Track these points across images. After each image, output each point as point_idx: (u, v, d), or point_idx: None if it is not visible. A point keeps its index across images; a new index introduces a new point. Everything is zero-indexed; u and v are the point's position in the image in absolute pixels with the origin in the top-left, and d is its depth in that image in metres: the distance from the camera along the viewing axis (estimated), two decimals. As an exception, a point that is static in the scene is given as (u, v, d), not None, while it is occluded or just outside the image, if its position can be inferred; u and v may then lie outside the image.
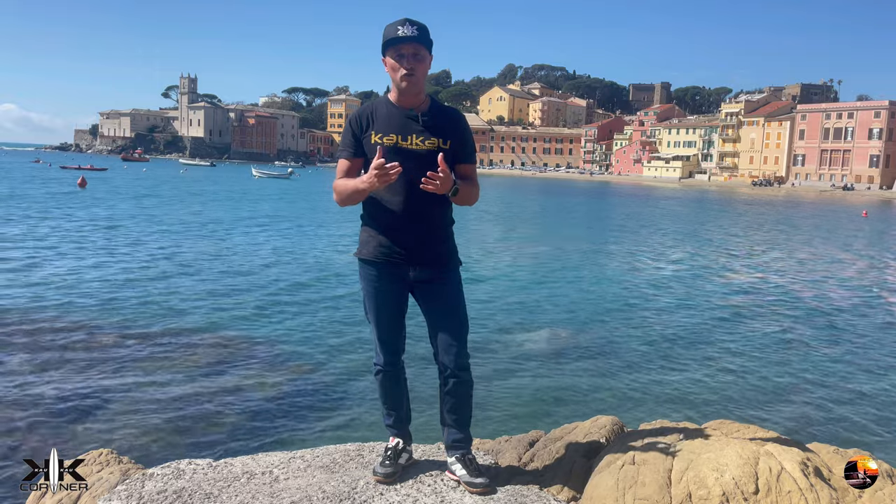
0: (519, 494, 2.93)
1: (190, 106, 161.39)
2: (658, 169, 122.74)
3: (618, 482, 2.84)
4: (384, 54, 2.85)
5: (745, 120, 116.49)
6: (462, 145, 2.95)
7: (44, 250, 18.09)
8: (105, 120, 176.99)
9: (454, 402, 3.06)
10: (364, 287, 3.04)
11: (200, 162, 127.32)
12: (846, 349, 11.06)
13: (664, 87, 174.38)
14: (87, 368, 8.56)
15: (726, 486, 2.64)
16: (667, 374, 9.36)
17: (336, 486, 2.95)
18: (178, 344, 9.85)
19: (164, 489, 2.93)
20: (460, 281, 3.06)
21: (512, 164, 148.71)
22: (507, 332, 11.35)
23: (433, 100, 2.97)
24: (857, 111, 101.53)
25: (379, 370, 3.13)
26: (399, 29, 2.76)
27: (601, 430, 3.58)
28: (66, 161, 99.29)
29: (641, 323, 12.44)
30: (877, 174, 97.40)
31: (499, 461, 3.54)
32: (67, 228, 23.34)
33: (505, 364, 9.45)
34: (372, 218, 2.97)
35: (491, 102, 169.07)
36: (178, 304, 12.46)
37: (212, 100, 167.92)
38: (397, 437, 3.17)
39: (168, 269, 16.28)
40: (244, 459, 3.28)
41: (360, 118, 2.92)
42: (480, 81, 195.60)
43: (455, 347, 2.97)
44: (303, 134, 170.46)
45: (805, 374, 9.54)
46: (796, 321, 13.05)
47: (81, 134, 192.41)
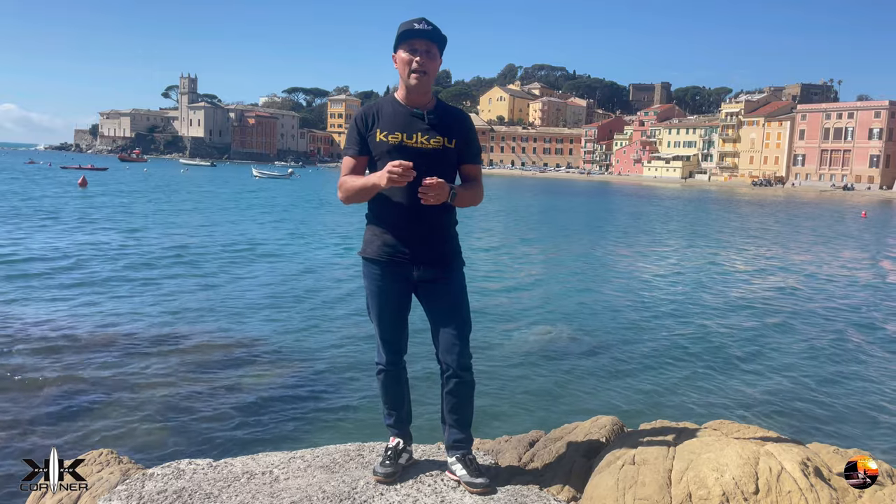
0: (519, 494, 2.93)
1: (190, 106, 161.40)
2: (658, 169, 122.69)
3: (618, 482, 2.83)
4: (396, 49, 2.87)
5: (745, 120, 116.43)
6: (467, 145, 2.97)
7: (43, 250, 18.08)
8: (105, 120, 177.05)
9: (455, 401, 3.06)
10: (367, 286, 3.04)
11: (201, 162, 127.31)
12: (846, 349, 11.06)
13: (664, 87, 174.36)
14: (86, 368, 8.56)
15: (726, 486, 2.63)
16: (667, 374, 9.36)
17: (336, 486, 2.95)
18: (178, 344, 9.85)
19: (164, 489, 2.93)
20: (464, 281, 3.06)
21: (512, 164, 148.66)
22: (508, 332, 11.35)
23: (439, 100, 2.98)
24: (857, 111, 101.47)
25: (381, 369, 3.13)
26: (415, 25, 2.81)
27: (601, 430, 3.58)
28: (63, 161, 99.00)
29: (642, 323, 12.44)
30: (877, 174, 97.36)
31: (499, 461, 3.53)
32: (71, 227, 23.36)
33: (505, 364, 9.45)
34: (376, 217, 2.97)
35: (491, 102, 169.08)
36: (178, 303, 12.46)
37: (212, 100, 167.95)
38: (398, 437, 3.17)
39: (168, 269, 16.28)
40: (244, 459, 3.28)
41: (365, 116, 2.93)
42: (480, 81, 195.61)
43: (457, 347, 2.97)
44: (303, 134, 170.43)
45: (805, 375, 9.54)
46: (796, 322, 13.04)
47: (81, 134, 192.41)
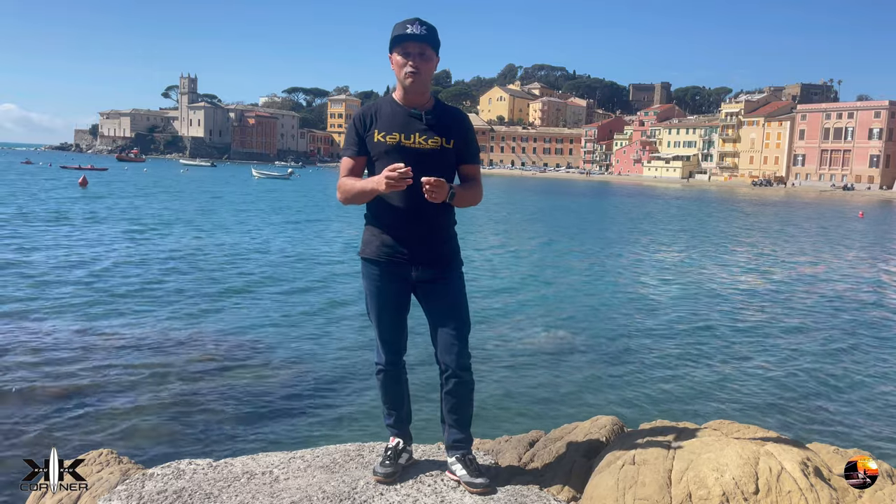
0: (519, 494, 2.93)
1: (190, 106, 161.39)
2: (658, 169, 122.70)
3: (618, 482, 2.83)
4: (391, 51, 2.86)
5: (745, 120, 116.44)
6: (466, 145, 2.96)
7: (42, 250, 18.09)
8: (105, 120, 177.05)
9: (455, 402, 3.06)
10: (367, 286, 3.04)
11: (201, 162, 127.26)
12: (846, 349, 11.06)
13: (664, 87, 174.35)
14: (86, 368, 8.56)
15: (726, 486, 2.63)
16: (667, 374, 9.36)
17: (336, 486, 2.95)
18: (178, 344, 9.85)
19: (164, 489, 2.93)
20: (463, 281, 3.06)
21: (512, 165, 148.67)
22: (508, 332, 11.35)
23: (437, 100, 2.97)
24: (857, 111, 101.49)
25: (380, 369, 3.13)
26: (408, 27, 2.78)
27: (601, 430, 3.58)
28: (63, 161, 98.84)
29: (642, 323, 12.44)
30: (877, 174, 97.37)
31: (499, 461, 3.53)
32: (75, 224, 23.36)
33: (505, 364, 9.45)
34: (375, 217, 2.97)
35: (491, 102, 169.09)
36: (179, 303, 12.46)
37: (212, 100, 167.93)
38: (397, 437, 3.17)
39: (168, 268, 16.28)
40: (244, 459, 3.28)
41: (363, 117, 2.93)
42: (480, 81, 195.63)
43: (456, 347, 2.97)
44: (303, 134, 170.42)
45: (805, 374, 9.54)
46: (796, 322, 13.04)
47: (81, 134, 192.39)
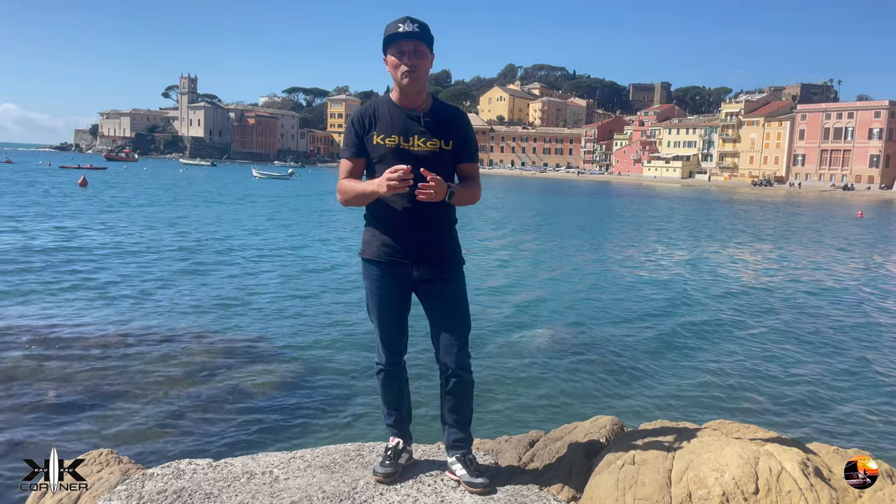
0: (519, 494, 2.94)
1: (190, 106, 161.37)
2: (658, 169, 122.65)
3: (618, 482, 2.84)
4: (385, 53, 2.84)
5: (745, 120, 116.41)
6: (464, 145, 2.95)
7: (41, 251, 18.09)
8: (105, 120, 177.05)
9: (455, 401, 3.06)
10: (367, 286, 3.04)
11: (201, 162, 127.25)
12: (845, 349, 11.05)
13: (664, 87, 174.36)
14: (86, 368, 8.55)
15: (726, 486, 2.64)
16: (667, 374, 9.35)
17: (336, 486, 2.95)
18: (178, 344, 9.84)
19: (164, 489, 2.93)
20: (463, 280, 3.06)
21: (512, 164, 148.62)
22: (508, 332, 11.35)
23: (435, 99, 2.96)
24: (857, 111, 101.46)
25: (381, 369, 3.13)
26: (400, 26, 2.76)
27: (601, 430, 3.58)
28: (62, 160, 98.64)
29: (642, 323, 12.43)
30: (877, 174, 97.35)
31: (499, 461, 3.53)
32: (73, 224, 23.37)
33: (505, 364, 9.44)
34: (375, 218, 2.97)
35: (491, 102, 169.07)
36: (179, 303, 12.45)
37: (212, 100, 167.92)
38: (397, 437, 3.17)
39: (168, 268, 16.27)
40: (244, 459, 3.28)
41: (362, 118, 2.91)
42: (480, 81, 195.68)
43: (456, 347, 2.97)
44: (303, 134, 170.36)
45: (805, 375, 9.54)
46: (796, 322, 13.04)
47: (81, 134, 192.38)
